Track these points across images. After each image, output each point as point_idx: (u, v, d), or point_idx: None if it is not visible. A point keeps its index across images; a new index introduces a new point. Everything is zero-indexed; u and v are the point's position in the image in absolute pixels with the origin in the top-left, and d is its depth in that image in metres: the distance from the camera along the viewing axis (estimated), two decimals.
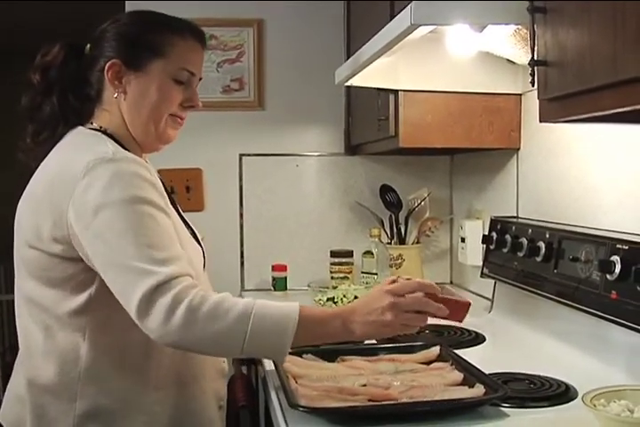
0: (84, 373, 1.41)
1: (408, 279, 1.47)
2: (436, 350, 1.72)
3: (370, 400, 1.41)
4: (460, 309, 1.45)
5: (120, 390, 1.43)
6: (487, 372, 1.53)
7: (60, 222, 1.37)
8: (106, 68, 1.49)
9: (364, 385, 1.50)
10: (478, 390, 1.42)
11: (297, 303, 1.36)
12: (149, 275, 1.28)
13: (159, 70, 1.49)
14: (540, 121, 1.30)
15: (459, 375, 1.53)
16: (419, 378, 1.53)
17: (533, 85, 1.26)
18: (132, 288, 1.28)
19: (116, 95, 1.50)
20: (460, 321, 1.48)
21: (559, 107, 1.24)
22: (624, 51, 1.04)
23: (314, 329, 1.37)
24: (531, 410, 1.42)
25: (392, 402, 1.38)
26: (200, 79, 1.59)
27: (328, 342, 1.51)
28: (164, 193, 1.44)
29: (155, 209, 1.36)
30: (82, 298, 1.40)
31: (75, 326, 1.41)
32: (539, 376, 1.57)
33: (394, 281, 1.45)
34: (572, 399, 1.46)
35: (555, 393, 1.48)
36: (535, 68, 1.26)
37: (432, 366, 1.64)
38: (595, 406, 1.25)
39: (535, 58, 1.25)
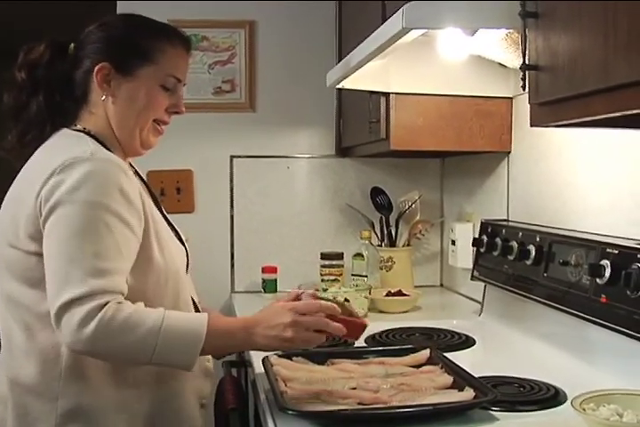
0: (65, 372, 1.41)
1: (314, 294, 1.52)
2: (426, 353, 1.71)
3: (359, 404, 1.41)
4: (357, 328, 1.49)
5: (101, 388, 1.43)
6: (477, 375, 1.52)
7: (33, 218, 1.38)
8: (95, 70, 1.49)
9: (354, 388, 1.50)
10: (468, 394, 1.42)
11: (205, 315, 1.40)
12: (79, 283, 1.31)
13: (148, 76, 1.50)
14: (531, 125, 1.30)
15: (448, 379, 1.53)
16: (408, 381, 1.53)
17: (524, 90, 1.26)
18: (59, 292, 1.31)
19: (103, 98, 1.50)
20: (356, 339, 1.54)
21: (550, 111, 1.24)
22: (615, 56, 1.04)
23: (219, 341, 1.42)
24: (520, 414, 1.42)
25: (382, 406, 1.38)
26: (184, 84, 1.60)
27: (232, 352, 1.55)
28: (139, 198, 1.43)
29: (114, 218, 1.36)
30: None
31: None
32: (528, 380, 1.57)
33: (297, 296, 1.50)
34: (562, 403, 1.46)
35: (544, 397, 1.48)
36: (526, 72, 1.25)
37: (422, 369, 1.64)
38: (584, 410, 1.25)
39: (526, 62, 1.25)
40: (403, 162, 2.92)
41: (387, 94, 2.24)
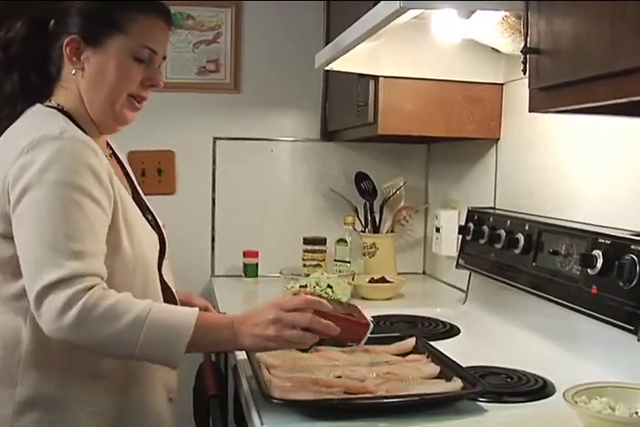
0: (26, 358, 1.36)
1: (312, 294, 1.43)
2: (411, 341, 1.69)
3: (345, 393, 1.37)
4: (358, 329, 1.37)
5: (63, 376, 1.38)
6: (463, 365, 1.50)
7: (1, 199, 1.33)
8: (64, 43, 1.44)
9: (339, 377, 1.46)
10: (456, 384, 1.39)
11: (196, 310, 1.34)
12: (56, 267, 1.26)
13: (119, 47, 1.45)
14: (530, 111, 1.27)
15: (435, 368, 1.50)
16: (394, 370, 1.50)
17: (525, 74, 1.23)
18: (36, 276, 1.26)
19: (73, 72, 1.46)
20: (359, 343, 1.41)
21: (550, 96, 1.21)
22: (622, 40, 1.00)
23: (205, 339, 1.33)
24: (508, 405, 1.39)
25: (369, 395, 1.35)
26: (164, 58, 1.54)
27: (218, 351, 1.48)
28: (108, 179, 1.38)
29: (86, 198, 1.31)
30: (23, 281, 1.33)
31: (16, 309, 1.37)
32: (515, 371, 1.55)
33: (295, 294, 1.42)
34: (550, 395, 1.44)
35: (532, 388, 1.45)
36: (527, 56, 1.22)
37: (407, 358, 1.61)
38: (576, 402, 1.23)
39: (528, 45, 1.21)
40: (388, 147, 2.89)
41: (376, 77, 2.20)
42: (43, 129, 1.35)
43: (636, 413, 1.21)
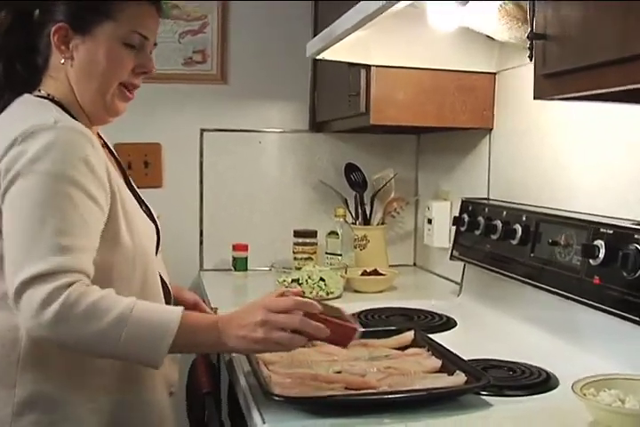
0: (24, 357, 1.32)
1: (298, 293, 1.38)
2: (410, 334, 1.66)
3: (347, 388, 1.35)
4: (346, 333, 1.31)
5: (62, 375, 1.34)
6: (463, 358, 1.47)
7: None
8: (52, 31, 1.40)
9: (339, 372, 1.44)
10: (459, 379, 1.36)
11: (180, 309, 1.28)
12: (40, 260, 1.21)
13: (108, 34, 1.40)
14: (535, 98, 1.24)
15: (436, 362, 1.48)
16: (395, 365, 1.48)
17: (531, 60, 1.20)
18: (18, 269, 1.21)
19: (62, 61, 1.41)
20: (345, 347, 1.37)
21: (557, 83, 1.17)
22: (636, 24, 0.97)
23: (189, 339, 1.27)
24: (512, 399, 1.37)
25: (372, 391, 1.32)
26: (155, 44, 1.50)
27: (202, 352, 1.43)
28: (105, 171, 1.34)
29: (79, 192, 1.27)
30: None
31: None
32: (517, 363, 1.53)
33: (282, 294, 1.35)
34: (554, 388, 1.42)
35: (536, 382, 1.43)
36: (534, 42, 1.19)
37: (407, 351, 1.59)
38: (584, 395, 1.20)
39: (534, 31, 1.18)
40: (378, 138, 2.85)
41: (367, 67, 2.16)
42: (36, 119, 1.30)
43: None
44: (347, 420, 1.25)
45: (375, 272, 2.43)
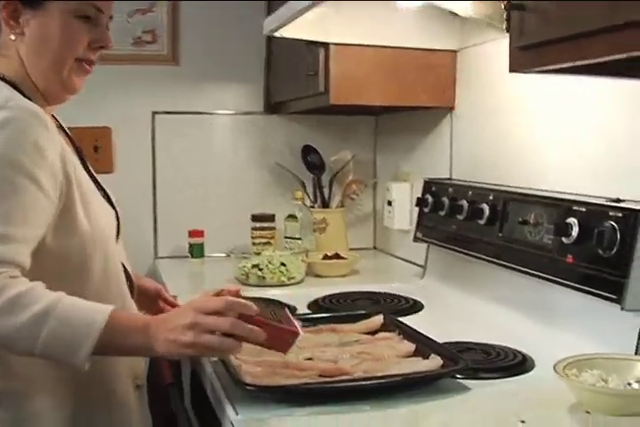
0: None
1: (236, 291, 1.28)
2: (379, 318, 1.62)
3: (321, 375, 1.30)
4: (285, 337, 1.20)
5: (22, 370, 1.26)
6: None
7: None
8: (0, 7, 1.31)
9: (310, 359, 1.39)
10: (435, 362, 1.33)
11: (109, 308, 1.18)
12: None
13: (60, 7, 1.32)
14: (510, 71, 1.19)
15: (410, 346, 1.44)
16: (367, 349, 1.43)
17: (508, 31, 1.16)
18: None
19: (13, 37, 1.33)
20: (284, 353, 1.25)
21: (535, 55, 1.13)
22: None
23: (115, 342, 1.17)
24: (490, 382, 1.34)
25: (347, 377, 1.27)
26: (111, 18, 1.41)
27: (134, 355, 1.35)
28: (58, 156, 1.25)
29: (23, 178, 1.18)
30: None
31: None
32: (491, 345, 1.50)
33: (218, 294, 1.27)
34: (530, 369, 1.40)
35: (512, 363, 1.40)
36: (510, 12, 1.14)
37: (378, 336, 1.55)
38: (567, 375, 1.17)
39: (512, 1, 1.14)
40: (335, 119, 2.80)
41: (326, 45, 2.11)
42: None
43: (629, 384, 1.17)
44: (323, 408, 1.20)
45: (337, 256, 2.38)
